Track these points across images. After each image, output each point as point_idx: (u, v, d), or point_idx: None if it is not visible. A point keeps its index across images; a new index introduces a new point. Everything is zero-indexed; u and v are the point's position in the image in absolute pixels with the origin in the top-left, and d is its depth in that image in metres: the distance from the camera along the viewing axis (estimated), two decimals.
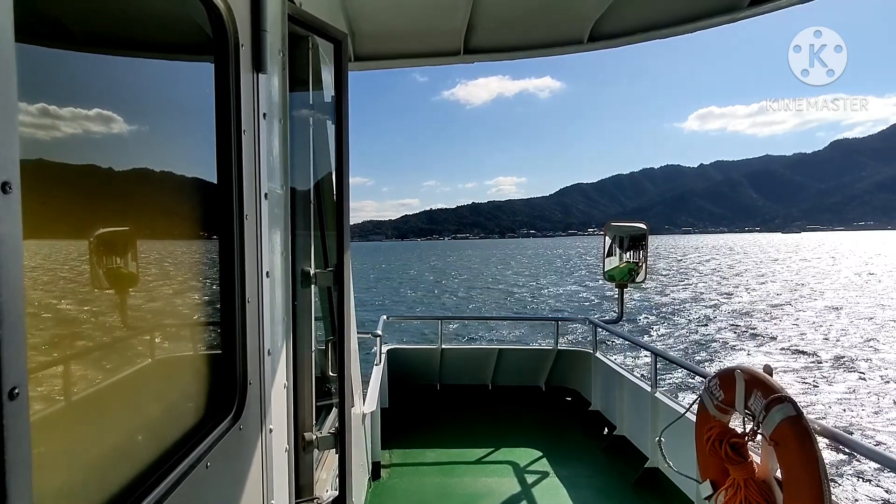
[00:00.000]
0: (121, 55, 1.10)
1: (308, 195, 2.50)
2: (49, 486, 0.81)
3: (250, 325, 1.53)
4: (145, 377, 1.20)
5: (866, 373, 16.73)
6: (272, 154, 1.79)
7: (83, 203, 0.96)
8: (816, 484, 2.29)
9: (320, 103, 2.59)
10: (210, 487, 1.29)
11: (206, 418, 1.38)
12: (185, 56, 1.42)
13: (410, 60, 4.19)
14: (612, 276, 4.56)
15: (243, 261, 1.49)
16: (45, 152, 0.83)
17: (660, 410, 4.38)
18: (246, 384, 1.51)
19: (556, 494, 4.31)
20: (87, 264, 0.94)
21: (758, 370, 2.70)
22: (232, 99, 1.45)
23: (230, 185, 1.45)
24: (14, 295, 0.62)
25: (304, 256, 2.41)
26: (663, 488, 4.18)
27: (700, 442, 2.98)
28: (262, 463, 1.65)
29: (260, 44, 1.59)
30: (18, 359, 0.63)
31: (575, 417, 6.00)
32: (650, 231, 4.67)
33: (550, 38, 3.87)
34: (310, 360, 2.45)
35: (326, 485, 2.59)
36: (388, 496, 4.28)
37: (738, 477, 2.72)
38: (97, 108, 0.96)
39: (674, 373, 14.08)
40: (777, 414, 2.43)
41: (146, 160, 1.17)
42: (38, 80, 0.80)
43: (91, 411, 1.00)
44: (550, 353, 6.47)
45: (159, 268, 1.26)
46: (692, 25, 3.50)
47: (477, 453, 5.07)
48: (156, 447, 1.15)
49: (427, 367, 6.49)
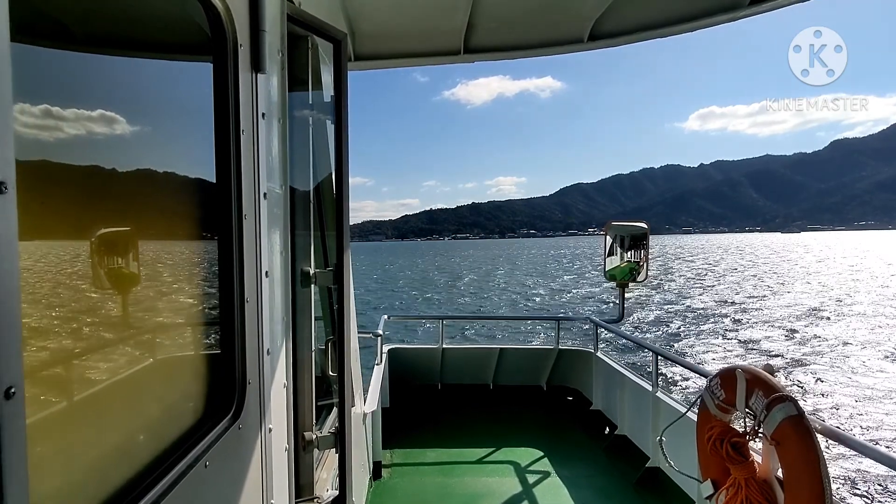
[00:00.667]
0: (119, 55, 1.10)
1: (308, 195, 2.49)
2: (47, 486, 0.81)
3: (249, 324, 1.53)
4: (144, 377, 1.20)
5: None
6: (271, 154, 1.79)
7: (81, 203, 0.96)
8: (818, 483, 2.28)
9: (320, 103, 2.58)
10: (209, 487, 1.29)
11: (206, 418, 1.38)
12: (183, 56, 1.42)
13: (410, 60, 4.19)
14: (613, 275, 4.56)
15: (242, 260, 1.49)
16: (43, 152, 0.83)
17: (661, 410, 4.37)
18: (245, 383, 1.50)
19: (557, 494, 4.31)
20: (86, 264, 0.94)
21: (759, 370, 2.69)
22: (231, 99, 1.45)
23: (229, 184, 1.45)
24: (9, 295, 0.62)
25: (304, 256, 2.41)
26: (664, 488, 4.17)
27: (701, 441, 2.97)
28: (261, 462, 1.65)
29: (259, 44, 1.59)
30: (14, 358, 0.63)
31: (576, 417, 6.00)
32: (650, 231, 4.67)
33: (550, 37, 3.87)
34: (310, 359, 2.44)
35: (327, 484, 2.58)
36: (389, 496, 4.28)
37: (739, 476, 2.71)
38: (96, 108, 0.96)
39: (674, 370, 14.09)
40: (778, 413, 2.43)
41: (145, 160, 1.16)
42: (37, 81, 0.80)
43: (90, 411, 1.00)
44: (551, 352, 6.47)
45: (158, 268, 1.26)
46: (692, 24, 3.50)
47: (478, 453, 5.07)
48: (155, 446, 1.15)
49: (428, 366, 6.49)
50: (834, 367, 17.47)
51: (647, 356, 5.04)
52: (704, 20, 3.45)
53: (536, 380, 6.55)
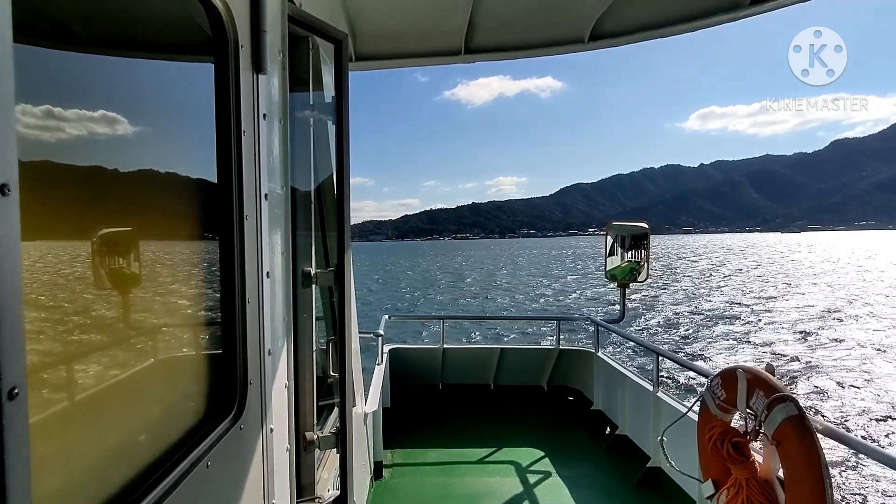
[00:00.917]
0: (120, 56, 1.10)
1: (309, 195, 2.50)
2: (49, 486, 0.81)
3: (250, 324, 1.53)
4: (146, 377, 1.20)
5: None
6: (272, 154, 1.79)
7: (83, 203, 0.96)
8: (819, 483, 2.28)
9: (321, 104, 2.59)
10: (211, 487, 1.29)
11: (207, 418, 1.38)
12: (184, 57, 1.42)
13: (411, 60, 4.19)
14: (614, 275, 4.56)
15: (243, 261, 1.49)
16: (44, 153, 0.83)
17: (662, 410, 4.37)
18: (246, 384, 1.51)
19: (558, 494, 4.31)
20: (88, 265, 0.94)
21: (760, 369, 2.69)
22: (232, 99, 1.45)
23: (230, 185, 1.45)
24: (11, 295, 0.63)
25: (305, 256, 2.41)
26: (665, 488, 4.17)
27: (702, 441, 2.97)
28: (262, 462, 1.65)
29: (260, 44, 1.59)
30: (17, 359, 0.63)
31: (577, 417, 6.00)
32: (651, 231, 4.67)
33: (551, 37, 3.87)
34: (311, 359, 2.45)
35: (328, 484, 2.58)
36: (390, 496, 4.28)
37: (740, 476, 2.71)
38: (97, 109, 0.96)
39: (675, 370, 14.03)
40: (779, 413, 2.43)
41: (147, 161, 1.17)
42: (38, 81, 0.80)
43: (91, 411, 1.00)
44: (552, 352, 6.47)
45: (159, 268, 1.26)
46: (693, 24, 3.50)
47: (478, 453, 5.07)
48: (156, 447, 1.15)
49: (429, 366, 6.49)
50: (851, 370, 17.03)
51: (647, 356, 5.04)
52: (705, 20, 3.46)
53: (537, 380, 6.55)
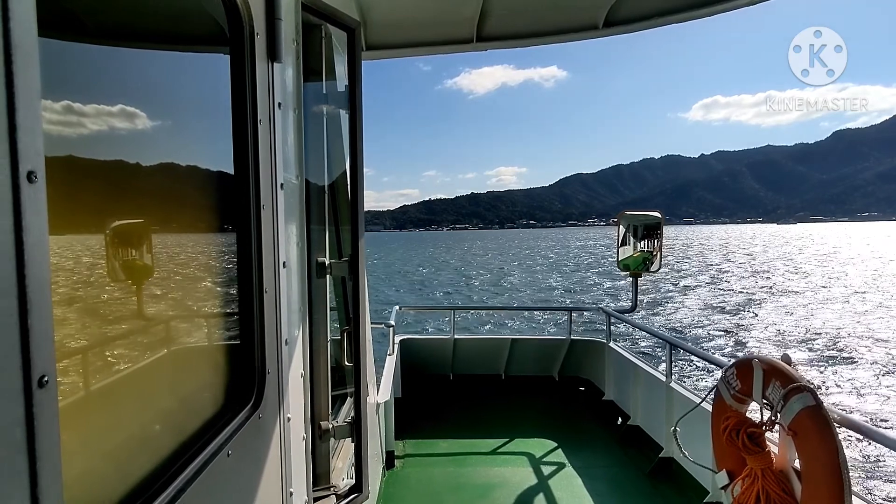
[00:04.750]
0: (137, 48, 1.10)
1: (322, 185, 2.48)
2: (76, 473, 0.82)
3: (268, 314, 1.54)
4: (168, 367, 1.21)
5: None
6: (287, 144, 1.78)
7: (101, 194, 0.96)
8: (836, 474, 2.26)
9: (333, 92, 2.56)
10: (231, 475, 1.31)
11: (227, 407, 1.40)
12: (201, 47, 1.42)
13: (422, 49, 4.13)
14: (627, 265, 4.54)
15: (260, 251, 1.49)
16: (64, 145, 0.83)
17: (675, 400, 4.36)
18: (264, 373, 1.52)
19: (571, 485, 4.32)
20: (107, 256, 0.95)
21: (776, 359, 2.67)
22: (248, 89, 1.45)
23: (247, 175, 1.45)
24: (41, 284, 0.63)
25: (319, 247, 2.40)
26: (678, 478, 4.18)
27: (716, 432, 2.96)
28: (280, 451, 1.67)
29: (275, 32, 1.58)
30: (47, 347, 0.63)
31: (588, 407, 6.00)
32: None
33: (565, 24, 3.80)
34: (325, 349, 2.45)
35: (342, 473, 2.60)
36: (402, 486, 4.31)
37: (755, 467, 2.70)
38: (115, 102, 0.96)
39: (688, 360, 13.82)
40: (796, 403, 2.41)
41: (165, 152, 1.17)
42: (57, 75, 0.80)
43: (115, 400, 1.02)
44: (564, 342, 6.46)
45: (178, 259, 1.27)
46: (710, 9, 3.43)
47: (490, 443, 5.09)
48: (179, 435, 1.16)
49: (440, 357, 6.51)
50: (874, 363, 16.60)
51: (660, 346, 5.03)
52: (722, 4, 3.38)
53: (548, 370, 6.55)
